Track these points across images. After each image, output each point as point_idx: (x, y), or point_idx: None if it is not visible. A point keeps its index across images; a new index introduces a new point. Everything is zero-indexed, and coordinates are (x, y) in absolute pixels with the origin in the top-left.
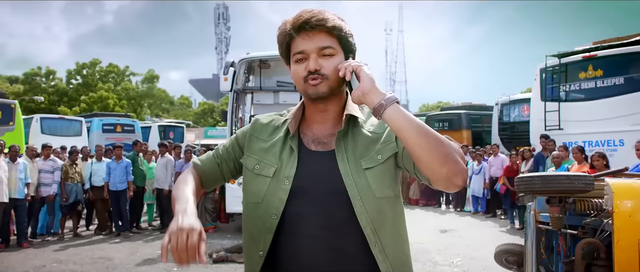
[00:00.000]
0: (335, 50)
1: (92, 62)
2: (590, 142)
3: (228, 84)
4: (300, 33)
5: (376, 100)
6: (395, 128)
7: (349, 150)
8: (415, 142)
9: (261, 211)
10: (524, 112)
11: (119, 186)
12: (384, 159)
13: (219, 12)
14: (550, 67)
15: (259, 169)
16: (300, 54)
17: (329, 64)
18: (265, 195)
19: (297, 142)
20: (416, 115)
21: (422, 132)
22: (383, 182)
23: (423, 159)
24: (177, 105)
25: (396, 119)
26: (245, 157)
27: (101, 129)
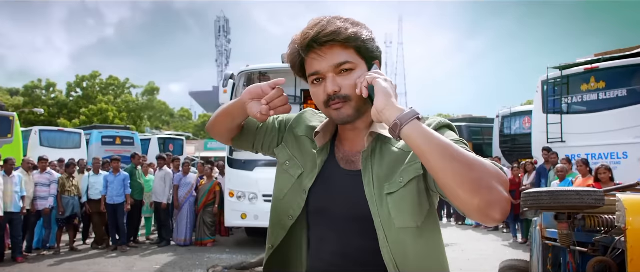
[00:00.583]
0: (354, 64)
1: (92, 74)
2: (593, 154)
3: (227, 97)
4: (311, 52)
5: (391, 119)
6: (415, 151)
7: (375, 171)
8: (438, 168)
9: (282, 207)
10: (525, 124)
11: (117, 200)
12: (405, 182)
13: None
14: (552, 79)
15: (288, 166)
16: (315, 75)
17: (349, 82)
18: (287, 193)
19: (327, 156)
20: None
21: (447, 156)
22: (403, 210)
23: (449, 188)
24: (177, 117)
25: (414, 140)
26: (280, 148)
27: (100, 142)
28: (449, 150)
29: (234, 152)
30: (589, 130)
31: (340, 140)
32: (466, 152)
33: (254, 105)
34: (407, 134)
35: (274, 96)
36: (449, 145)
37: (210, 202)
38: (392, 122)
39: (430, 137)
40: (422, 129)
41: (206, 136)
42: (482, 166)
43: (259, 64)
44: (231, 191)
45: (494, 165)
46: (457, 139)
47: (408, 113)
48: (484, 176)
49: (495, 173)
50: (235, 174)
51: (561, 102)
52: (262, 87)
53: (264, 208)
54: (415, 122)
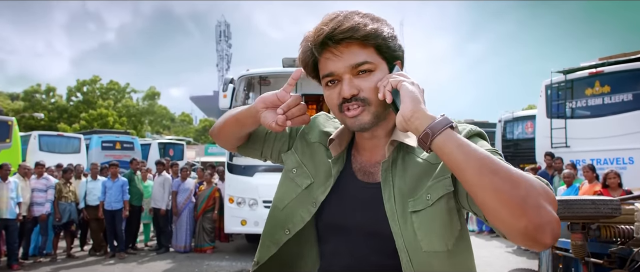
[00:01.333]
0: (374, 64)
1: (92, 79)
2: (599, 160)
3: (227, 101)
4: (325, 51)
5: (421, 128)
6: (449, 165)
7: (396, 185)
8: (478, 185)
9: (279, 218)
10: (528, 129)
11: (115, 205)
12: (433, 201)
13: (221, 30)
14: (556, 83)
15: (295, 174)
16: (329, 76)
17: (368, 84)
18: (288, 204)
19: (342, 166)
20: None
21: (487, 170)
22: (432, 232)
23: (491, 207)
24: (178, 122)
25: (449, 152)
26: (289, 154)
27: (100, 146)
28: (489, 163)
29: (233, 158)
30: (594, 135)
31: (357, 148)
32: (508, 165)
33: (268, 114)
34: (439, 145)
35: (291, 104)
36: (489, 157)
37: (210, 208)
38: (422, 131)
39: (467, 148)
40: (457, 139)
41: (207, 141)
42: (528, 182)
43: (259, 68)
44: (231, 196)
45: (540, 181)
46: (492, 150)
47: (440, 121)
48: (531, 193)
49: (543, 190)
50: (235, 180)
51: (565, 107)
52: (277, 95)
53: (264, 214)
54: (449, 131)
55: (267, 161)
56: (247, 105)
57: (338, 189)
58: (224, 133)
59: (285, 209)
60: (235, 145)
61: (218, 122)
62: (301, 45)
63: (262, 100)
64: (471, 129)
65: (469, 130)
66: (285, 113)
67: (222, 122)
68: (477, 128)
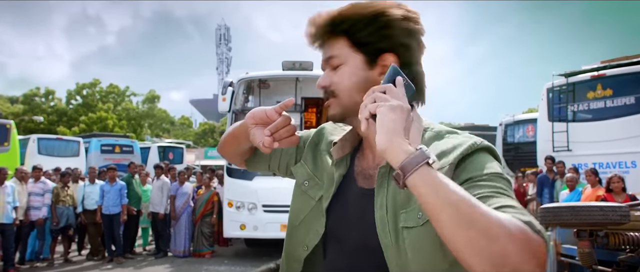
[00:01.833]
0: (340, 58)
1: (92, 82)
2: (601, 164)
3: (226, 105)
4: (315, 46)
5: (394, 165)
6: (423, 208)
7: (391, 192)
8: (449, 235)
9: (297, 235)
10: (529, 132)
11: (113, 210)
12: (424, 221)
13: (221, 33)
14: (557, 86)
15: (307, 186)
16: (323, 70)
17: (336, 78)
18: (304, 219)
19: (345, 169)
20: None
21: (460, 220)
22: (422, 253)
23: (462, 260)
24: (178, 125)
25: (423, 194)
26: (298, 166)
27: (99, 150)
28: (465, 211)
29: None
30: (596, 138)
31: (362, 151)
32: (489, 213)
33: (257, 133)
34: (413, 186)
35: (279, 125)
36: (468, 203)
37: (208, 212)
38: (396, 166)
39: (442, 192)
40: (432, 180)
41: (206, 144)
42: (509, 235)
43: (259, 71)
44: (230, 200)
45: (528, 230)
46: (495, 174)
47: (415, 157)
48: (510, 250)
49: (528, 243)
50: (234, 184)
51: (567, 110)
52: (267, 112)
53: (263, 219)
54: (424, 170)
55: (277, 174)
56: (241, 121)
57: (341, 196)
58: (226, 150)
59: (301, 225)
60: (240, 160)
61: (221, 138)
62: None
63: (252, 116)
64: (474, 143)
65: (471, 144)
66: (272, 134)
67: (223, 138)
68: (485, 142)
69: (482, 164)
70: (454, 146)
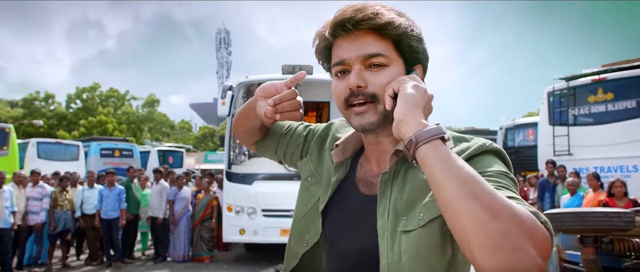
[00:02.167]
0: (388, 59)
1: (92, 86)
2: (602, 168)
3: (226, 109)
4: (340, 36)
5: (407, 134)
6: (429, 180)
7: (393, 200)
8: (451, 206)
9: (298, 230)
10: (529, 136)
11: (111, 214)
12: (425, 221)
13: (221, 37)
14: (558, 90)
15: (310, 183)
16: (339, 65)
17: (378, 79)
18: (305, 214)
19: (344, 174)
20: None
21: (466, 192)
22: (417, 256)
23: (459, 236)
24: (178, 129)
25: (430, 165)
26: (304, 162)
27: (99, 154)
28: (472, 185)
29: (232, 166)
30: (597, 142)
31: (365, 157)
32: (497, 193)
33: (263, 104)
34: (423, 156)
35: (284, 97)
36: (474, 179)
37: (208, 216)
38: (408, 137)
39: (451, 164)
40: (443, 152)
41: (206, 148)
42: (514, 217)
43: (259, 75)
44: (229, 205)
45: (535, 219)
46: (500, 172)
47: (430, 130)
48: (512, 230)
49: (533, 228)
50: (233, 188)
51: (568, 114)
52: (276, 86)
53: (263, 223)
54: (437, 142)
55: (283, 163)
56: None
57: (339, 201)
58: (238, 127)
59: (303, 220)
60: (251, 141)
61: (235, 116)
62: (316, 32)
63: (261, 89)
64: (482, 144)
65: (480, 145)
66: (276, 105)
67: (236, 116)
68: (494, 145)
69: (489, 164)
70: (461, 150)
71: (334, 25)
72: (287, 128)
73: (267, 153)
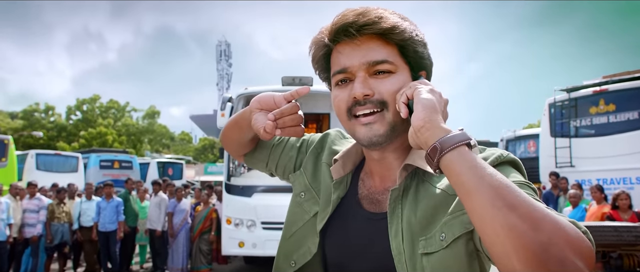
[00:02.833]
0: (395, 65)
1: (92, 98)
2: (605, 180)
3: (225, 120)
4: (341, 42)
5: (430, 141)
6: (457, 190)
7: (405, 219)
8: (485, 217)
9: (286, 248)
10: (530, 148)
11: (109, 227)
12: (448, 242)
13: (221, 49)
14: (560, 101)
15: (304, 198)
16: (341, 73)
17: (385, 86)
18: (295, 232)
19: (345, 191)
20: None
21: (501, 201)
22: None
23: (498, 251)
24: (178, 141)
25: (458, 173)
26: (297, 175)
27: (98, 165)
28: (507, 194)
29: (231, 177)
30: (600, 154)
31: (366, 172)
32: (533, 201)
33: (260, 117)
34: (449, 164)
35: (285, 112)
36: (508, 187)
37: (207, 229)
38: (430, 145)
39: (482, 172)
40: (471, 159)
41: (206, 160)
42: (555, 226)
43: (258, 87)
44: (228, 217)
45: (575, 226)
46: (521, 182)
47: (455, 135)
48: (555, 241)
49: (576, 239)
50: (232, 200)
51: (569, 125)
52: (275, 98)
53: (262, 236)
54: (464, 149)
55: (274, 176)
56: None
57: (341, 219)
58: (226, 138)
59: (292, 238)
60: (240, 152)
61: (224, 126)
62: (313, 39)
63: (257, 101)
64: (500, 155)
65: (498, 156)
66: (276, 120)
67: (226, 125)
68: (511, 155)
69: (507, 175)
70: (482, 157)
71: (334, 30)
72: (279, 139)
73: (257, 165)
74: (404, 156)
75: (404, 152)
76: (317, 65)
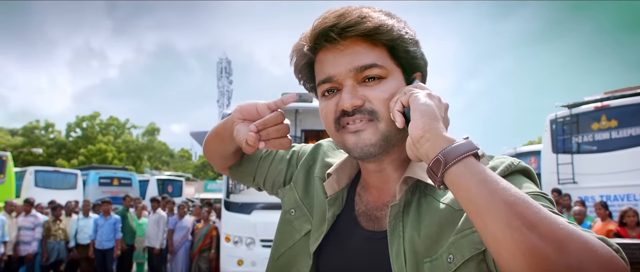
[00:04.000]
0: (385, 70)
1: (92, 115)
2: (608, 196)
3: None
4: (323, 49)
5: (431, 153)
6: (466, 208)
7: (407, 238)
8: (501, 239)
9: (274, 270)
10: (532, 164)
11: (106, 244)
12: (457, 265)
13: (222, 67)
14: (561, 117)
15: (294, 216)
16: (327, 82)
17: (377, 93)
18: (284, 253)
19: (340, 208)
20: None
21: (518, 220)
22: None
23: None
24: (177, 157)
25: (466, 188)
26: (286, 190)
27: (98, 182)
28: (524, 211)
29: (230, 194)
30: (602, 170)
31: (363, 185)
32: (554, 217)
33: (242, 128)
34: (454, 179)
35: (269, 122)
36: (525, 202)
37: (206, 247)
38: (432, 157)
39: (493, 186)
40: (480, 172)
41: (206, 177)
42: (582, 244)
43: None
44: (227, 235)
45: (604, 242)
46: (536, 193)
47: (460, 145)
48: (585, 263)
49: (609, 259)
50: (231, 218)
51: (571, 141)
52: (258, 107)
53: (262, 254)
54: (471, 160)
55: (262, 190)
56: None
57: (337, 239)
58: (208, 151)
59: (281, 259)
60: (223, 165)
61: (205, 137)
62: (294, 47)
63: (239, 110)
64: (511, 164)
65: (507, 165)
66: (259, 131)
67: (207, 136)
68: (522, 163)
69: (520, 185)
70: (490, 166)
71: (314, 36)
72: (267, 151)
73: (244, 179)
74: (403, 167)
75: (403, 163)
76: (300, 75)
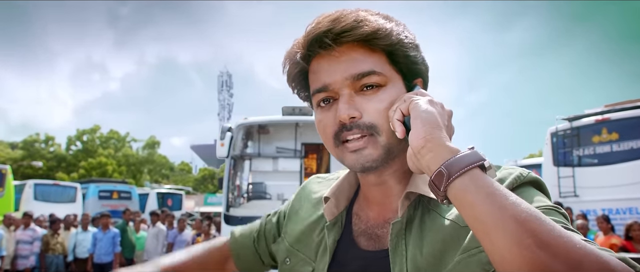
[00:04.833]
0: (384, 77)
1: (92, 128)
2: (610, 210)
3: (224, 150)
4: (317, 56)
5: (433, 165)
6: (471, 224)
7: (410, 257)
8: (510, 259)
9: None
10: None
11: (105, 258)
12: None
13: (223, 80)
14: (562, 130)
15: (291, 264)
16: (322, 91)
17: (375, 104)
18: None
19: (340, 232)
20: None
21: (529, 238)
22: None
23: None
24: (177, 171)
25: (471, 204)
26: (276, 244)
27: (97, 196)
28: (536, 228)
29: (230, 208)
30: (604, 183)
31: (363, 202)
32: (570, 234)
33: None
34: (459, 193)
35: None
36: (539, 220)
37: None
38: (434, 169)
39: (503, 201)
40: (487, 185)
41: (206, 190)
42: (602, 266)
43: (258, 117)
44: None
45: (626, 264)
46: (548, 207)
47: (465, 156)
48: None
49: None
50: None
51: (572, 154)
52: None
53: None
54: (477, 172)
55: (276, 266)
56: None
57: (337, 266)
58: None
59: None
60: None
61: None
62: (286, 54)
63: None
64: (520, 175)
65: (517, 176)
66: None
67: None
68: (531, 174)
69: (531, 198)
70: (498, 179)
71: (307, 42)
72: (257, 231)
73: (254, 268)
74: (406, 180)
75: (406, 175)
76: (294, 84)
